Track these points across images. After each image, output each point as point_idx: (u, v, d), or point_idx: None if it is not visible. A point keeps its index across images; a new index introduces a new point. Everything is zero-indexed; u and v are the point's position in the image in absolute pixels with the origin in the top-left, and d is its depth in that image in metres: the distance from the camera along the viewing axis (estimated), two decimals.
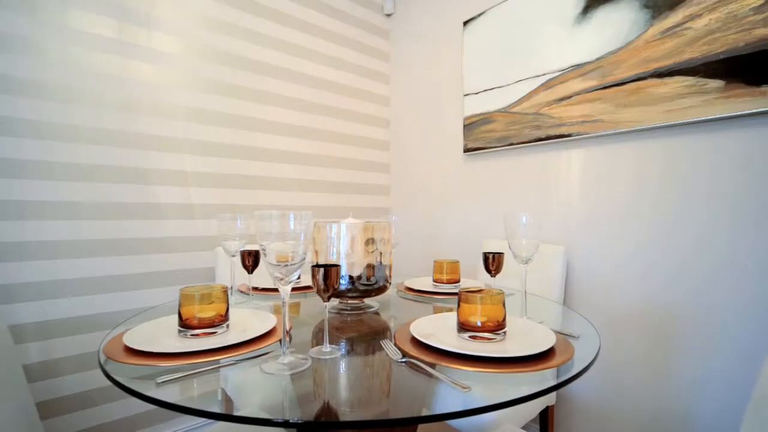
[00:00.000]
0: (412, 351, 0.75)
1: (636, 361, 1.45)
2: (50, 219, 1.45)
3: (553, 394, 1.45)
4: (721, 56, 1.21)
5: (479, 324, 0.80)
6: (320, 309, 1.12)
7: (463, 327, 0.82)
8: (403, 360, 0.72)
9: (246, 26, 1.94)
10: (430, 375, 0.66)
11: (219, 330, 0.84)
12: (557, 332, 0.85)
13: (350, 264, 1.06)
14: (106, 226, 1.57)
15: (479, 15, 1.97)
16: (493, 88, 1.90)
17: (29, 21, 1.40)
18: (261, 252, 0.70)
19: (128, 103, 1.61)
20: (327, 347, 0.77)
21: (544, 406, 1.41)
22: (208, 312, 0.84)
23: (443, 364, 0.69)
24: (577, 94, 1.57)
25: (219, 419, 0.55)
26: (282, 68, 2.08)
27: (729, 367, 1.24)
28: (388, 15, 2.59)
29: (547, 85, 1.67)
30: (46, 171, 1.44)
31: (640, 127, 1.40)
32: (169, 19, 1.71)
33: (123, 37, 1.60)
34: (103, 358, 0.72)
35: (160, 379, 0.62)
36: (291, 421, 0.53)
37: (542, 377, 0.66)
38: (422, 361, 0.70)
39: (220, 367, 0.69)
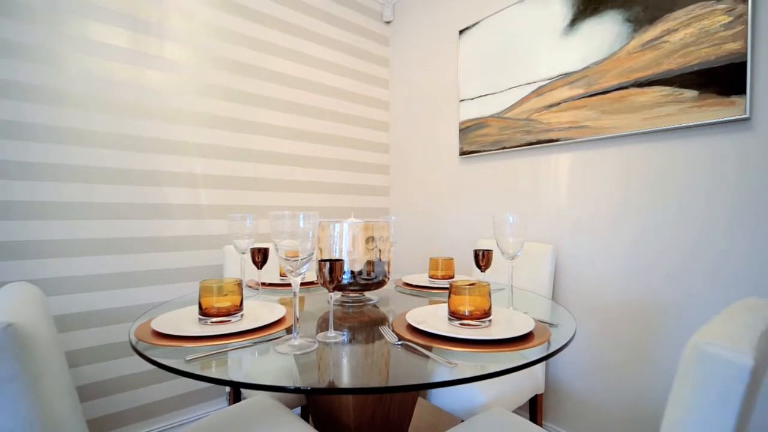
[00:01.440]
0: (408, 336, 0.84)
1: (622, 353, 1.55)
2: (66, 219, 1.54)
3: (542, 383, 1.54)
4: (695, 68, 1.30)
5: (467, 313, 0.90)
6: (323, 303, 1.21)
7: (454, 315, 0.91)
8: (399, 342, 0.81)
9: (252, 35, 2.04)
10: (423, 355, 0.76)
11: (234, 318, 0.94)
12: (538, 320, 0.95)
13: (352, 260, 1.16)
14: (120, 225, 1.66)
15: (474, 24, 2.06)
16: (487, 95, 2.00)
17: (49, 33, 1.49)
18: (274, 248, 0.80)
19: (141, 109, 1.71)
20: (332, 332, 0.86)
21: (533, 394, 1.50)
22: (225, 302, 0.94)
23: (435, 346, 0.79)
24: (565, 101, 1.66)
25: (241, 387, 0.64)
26: (286, 75, 2.17)
27: None
28: (388, 22, 2.69)
29: (537, 93, 1.77)
30: (64, 174, 1.53)
31: (622, 133, 1.49)
32: (179, 30, 1.81)
33: (136, 47, 1.69)
34: (134, 340, 0.81)
35: (188, 357, 0.72)
36: (301, 387, 0.62)
37: (522, 358, 0.76)
38: (416, 343, 0.80)
39: (239, 348, 0.78)
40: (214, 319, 0.91)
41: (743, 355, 0.40)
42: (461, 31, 2.13)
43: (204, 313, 0.92)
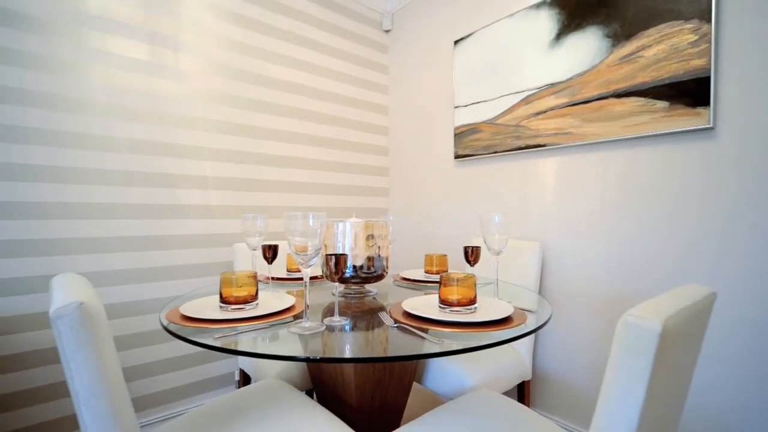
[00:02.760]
0: (403, 320, 0.97)
1: (604, 343, 1.68)
2: (87, 219, 1.67)
3: (529, 370, 1.67)
4: (666, 81, 1.43)
5: (456, 301, 1.03)
6: (327, 297, 1.33)
7: (444, 303, 1.04)
8: (396, 325, 0.94)
9: (259, 46, 2.17)
10: (416, 335, 0.88)
11: (250, 306, 1.06)
12: (518, 308, 1.07)
13: (354, 256, 1.28)
14: (137, 224, 1.79)
15: (468, 35, 2.19)
16: (480, 102, 2.13)
17: (74, 47, 1.62)
18: (288, 244, 0.92)
19: (157, 117, 1.84)
20: (337, 317, 0.99)
21: (520, 380, 1.63)
22: (242, 292, 1.06)
23: (427, 327, 0.91)
24: (551, 109, 1.79)
25: (261, 357, 0.77)
26: (291, 83, 2.30)
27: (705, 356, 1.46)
28: (387, 31, 2.81)
29: (526, 101, 1.90)
30: (85, 176, 1.66)
31: (602, 140, 1.62)
32: (192, 42, 1.94)
33: (153, 59, 1.82)
34: (165, 322, 0.94)
35: (216, 336, 0.85)
36: (311, 357, 0.75)
37: (501, 336, 0.88)
38: (410, 326, 0.93)
39: (257, 330, 0.91)
40: (234, 307, 1.04)
41: (653, 323, 0.53)
42: (456, 42, 2.26)
43: (224, 301, 1.04)
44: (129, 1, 1.75)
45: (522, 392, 1.68)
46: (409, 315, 1.00)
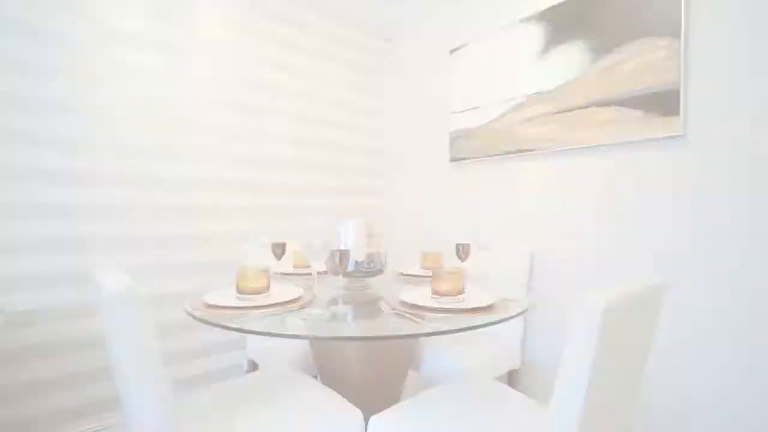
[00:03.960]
0: (399, 307, 1.10)
1: None
2: (101, 219, 1.80)
3: (518, 359, 1.80)
4: (642, 92, 1.56)
5: (446, 291, 1.16)
6: (331, 289, 1.46)
7: (436, 293, 1.17)
8: (393, 311, 1.07)
9: (266, 56, 2.30)
10: (409, 319, 1.01)
11: (263, 296, 1.19)
12: (503, 298, 1.20)
13: (355, 252, 1.41)
14: (155, 225, 1.92)
15: (463, 45, 2.32)
16: (474, 108, 2.25)
17: (95, 58, 1.75)
18: (299, 240, 1.05)
19: (173, 123, 1.97)
20: (341, 305, 1.12)
21: (509, 368, 1.76)
22: (256, 284, 1.19)
23: (420, 314, 1.04)
24: (539, 116, 1.92)
25: (276, 336, 0.89)
26: (296, 90, 2.44)
27: (675, 339, 1.58)
28: (387, 39, 2.94)
29: (516, 108, 2.03)
30: (101, 179, 1.79)
31: (585, 145, 1.75)
32: (204, 53, 2.07)
33: (169, 68, 1.95)
34: (190, 309, 1.07)
35: (235, 319, 0.97)
36: (318, 336, 0.88)
37: (483, 321, 1.01)
38: (405, 311, 1.06)
39: (273, 314, 1.04)
40: (250, 296, 1.17)
41: (598, 302, 0.66)
42: (452, 51, 2.39)
43: (241, 291, 1.17)
44: (145, 14, 1.88)
45: (511, 380, 1.81)
46: (404, 303, 1.13)
